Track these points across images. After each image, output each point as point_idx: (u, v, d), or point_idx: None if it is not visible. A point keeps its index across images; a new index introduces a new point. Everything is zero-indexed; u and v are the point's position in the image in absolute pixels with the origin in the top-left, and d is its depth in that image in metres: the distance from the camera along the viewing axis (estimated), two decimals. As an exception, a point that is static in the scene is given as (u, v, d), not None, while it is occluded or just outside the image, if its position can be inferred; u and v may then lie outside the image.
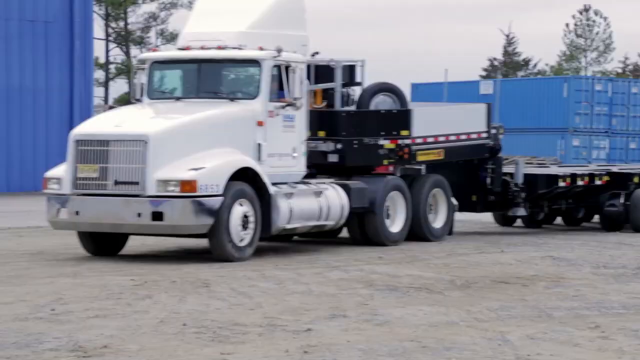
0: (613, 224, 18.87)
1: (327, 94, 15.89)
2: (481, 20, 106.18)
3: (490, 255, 14.68)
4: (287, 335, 8.48)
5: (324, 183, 14.92)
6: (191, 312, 9.50)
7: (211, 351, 7.87)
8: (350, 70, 16.16)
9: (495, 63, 74.67)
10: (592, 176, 18.77)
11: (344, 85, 15.95)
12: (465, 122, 17.34)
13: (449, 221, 16.74)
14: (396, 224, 15.77)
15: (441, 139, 16.73)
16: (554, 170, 19.71)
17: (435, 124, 16.76)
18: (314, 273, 12.46)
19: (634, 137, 44.63)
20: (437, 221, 16.50)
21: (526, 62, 74.76)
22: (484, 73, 73.70)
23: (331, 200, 14.68)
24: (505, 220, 19.53)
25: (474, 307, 10.05)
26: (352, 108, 16.08)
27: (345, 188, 15.01)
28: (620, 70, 74.59)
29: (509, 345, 8.18)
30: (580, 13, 74.49)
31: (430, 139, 16.50)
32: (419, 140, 16.20)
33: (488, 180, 17.62)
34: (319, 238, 16.03)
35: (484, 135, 17.44)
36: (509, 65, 74.10)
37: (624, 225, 18.86)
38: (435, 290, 11.23)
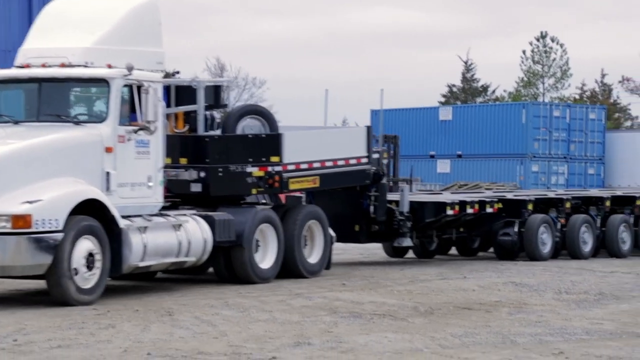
0: (507, 253, 18.31)
1: (190, 117, 14.56)
2: (440, 47, 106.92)
3: (452, 282, 14.72)
4: (252, 364, 8.43)
5: (184, 215, 13.48)
6: (155, 341, 9.42)
7: (176, 381, 7.80)
8: (215, 91, 14.85)
9: (454, 89, 75.23)
10: (482, 203, 17.96)
11: (208, 107, 14.58)
12: (343, 146, 16.00)
13: (326, 255, 15.36)
14: (267, 259, 14.42)
15: (316, 165, 15.36)
16: (441, 197, 18.67)
17: (309, 149, 15.35)
18: (278, 300, 12.42)
19: (592, 162, 45.09)
20: (313, 255, 15.18)
21: (485, 89, 75.34)
22: (443, 99, 74.22)
23: (192, 233, 13.27)
24: (395, 251, 18.67)
25: (438, 333, 10.07)
26: (217, 132, 14.69)
27: (209, 220, 13.61)
28: (577, 97, 75.38)
29: (474, 372, 8.19)
30: (537, 40, 75.27)
31: (304, 165, 15.16)
32: (291, 167, 14.89)
33: (371, 208, 16.53)
34: (184, 275, 14.90)
35: (364, 160, 16.18)
36: (467, 91, 74.65)
37: (518, 254, 18.34)
38: (399, 317, 11.23)
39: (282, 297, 12.72)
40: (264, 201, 15.32)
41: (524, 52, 75.96)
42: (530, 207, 18.43)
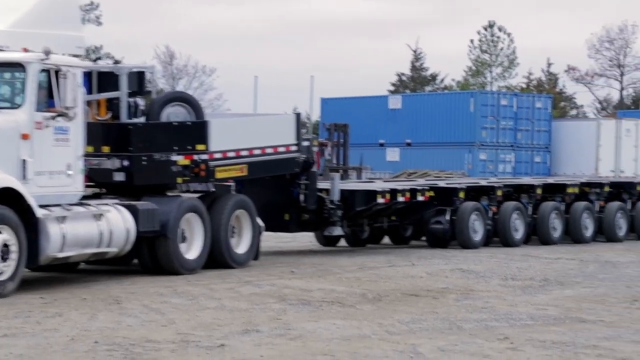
0: (439, 241, 18.23)
1: (112, 105, 14.13)
2: (389, 35, 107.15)
3: (400, 269, 14.82)
4: (200, 351, 8.45)
5: (106, 204, 13.06)
6: (102, 330, 9.39)
7: (124, 368, 7.80)
8: (138, 77, 14.35)
9: (404, 78, 75.52)
10: (413, 192, 17.79)
11: (131, 94, 14.14)
12: (272, 134, 15.68)
13: (254, 245, 15.03)
14: (193, 249, 14.03)
15: (244, 153, 15.05)
16: (372, 186, 18.41)
17: (236, 137, 15.02)
18: (226, 288, 12.43)
19: (538, 151, 45.55)
20: (241, 246, 14.86)
21: (433, 77, 75.75)
22: (392, 88, 74.48)
23: (114, 223, 12.86)
24: (327, 240, 18.43)
25: (386, 320, 10.15)
26: (141, 120, 14.25)
27: (132, 210, 13.20)
28: (524, 85, 76.06)
29: (420, 358, 8.27)
30: (485, 29, 75.80)
31: (231, 154, 14.82)
32: (217, 155, 14.50)
33: (302, 197, 16.28)
34: (108, 266, 14.34)
35: (294, 148, 15.89)
36: (416, 80, 74.99)
37: (450, 242, 18.29)
38: (348, 303, 11.30)
39: (231, 285, 12.74)
40: (213, 189, 15.07)
41: (472, 41, 76.45)
42: (461, 195, 18.39)
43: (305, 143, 16.45)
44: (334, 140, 39.80)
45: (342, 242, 18.77)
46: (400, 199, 17.49)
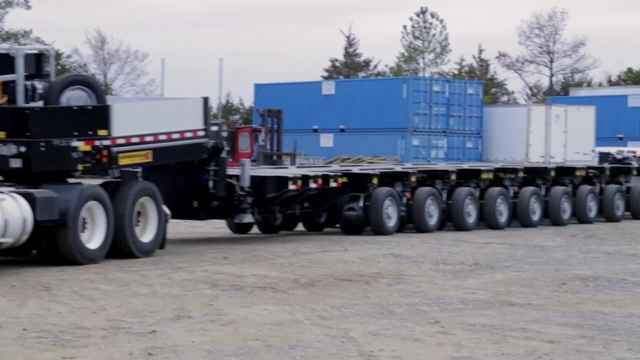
0: (352, 227, 17.94)
1: (8, 88, 13.52)
2: (322, 21, 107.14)
3: (333, 254, 14.87)
4: (131, 338, 8.39)
5: (1, 192, 12.49)
6: (31, 317, 9.28)
7: (52, 356, 7.72)
8: (36, 60, 13.85)
9: (337, 64, 75.62)
10: (326, 178, 17.42)
11: (28, 77, 13.57)
12: (178, 119, 15.17)
13: (160, 233, 14.49)
14: (95, 239, 13.46)
15: (149, 138, 14.48)
16: (283, 172, 18.02)
17: (141, 122, 14.46)
18: (158, 274, 12.36)
19: (470, 136, 45.97)
20: (146, 234, 14.35)
21: (367, 63, 76.00)
22: (326, 74, 74.54)
23: (9, 212, 12.27)
24: (239, 228, 18.10)
25: (318, 305, 10.18)
26: (39, 104, 13.64)
27: (29, 198, 12.60)
28: (456, 72, 76.67)
29: (352, 342, 8.32)
30: (418, 15, 76.23)
31: (135, 139, 14.23)
32: (120, 141, 13.93)
33: (210, 183, 15.78)
34: (5, 257, 13.64)
35: (201, 133, 15.41)
36: (350, 66, 75.15)
37: (364, 228, 18.04)
38: (280, 289, 11.31)
39: (164, 271, 12.67)
40: (118, 177, 14.57)
41: (404, 27, 76.82)
42: (375, 181, 18.08)
43: (214, 128, 16.05)
44: (267, 126, 39.80)
45: (255, 230, 18.51)
46: (313, 185, 17.13)
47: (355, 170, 18.98)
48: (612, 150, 28.66)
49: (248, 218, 16.37)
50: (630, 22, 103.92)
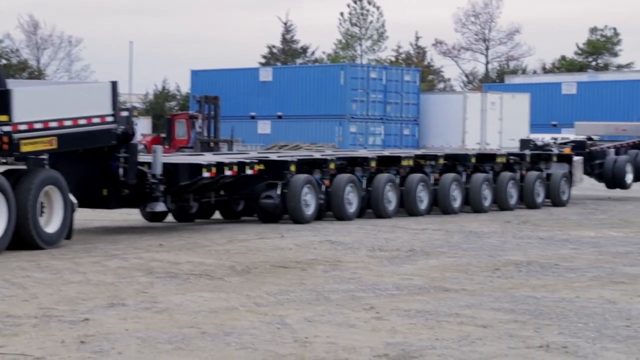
0: (270, 216, 17.54)
1: None
2: (260, 7, 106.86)
3: (270, 241, 14.85)
4: (64, 326, 8.30)
5: None
6: (-38, 306, 9.13)
7: (-17, 345, 7.59)
8: None
9: (274, 51, 75.46)
10: (241, 165, 16.88)
11: None
12: (85, 104, 14.62)
13: (66, 223, 13.86)
14: None
15: (53, 124, 13.88)
16: (197, 159, 17.28)
17: (44, 107, 13.86)
18: (92, 262, 12.24)
19: (407, 123, 46.22)
20: (51, 224, 13.70)
21: (304, 50, 75.98)
22: (263, 60, 74.35)
23: None
24: (153, 216, 17.51)
25: (254, 292, 10.16)
26: None
27: None
28: (393, 59, 77.00)
29: (287, 329, 8.31)
30: (355, 2, 76.38)
31: (39, 125, 13.64)
32: (22, 127, 13.33)
33: (121, 171, 15.18)
34: None
35: (110, 119, 14.90)
36: (287, 52, 75.05)
37: (281, 217, 17.65)
38: (216, 276, 11.27)
39: (98, 259, 12.55)
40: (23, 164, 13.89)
41: (342, 14, 76.94)
42: (292, 168, 17.60)
43: (124, 113, 15.49)
44: (204, 113, 39.62)
45: (170, 218, 18.08)
46: (228, 172, 16.56)
47: (273, 157, 18.30)
48: (541, 137, 28.90)
49: (160, 207, 15.69)
50: (564, 10, 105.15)
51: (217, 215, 18.89)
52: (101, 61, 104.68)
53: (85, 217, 17.29)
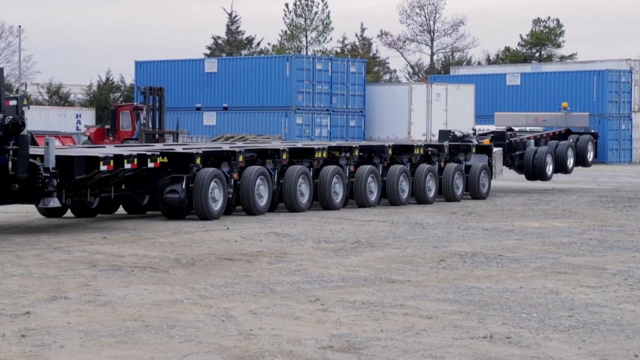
0: (175, 211, 16.67)
1: None
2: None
3: (215, 233, 14.78)
4: (4, 319, 8.18)
5: None
6: None
7: None
8: None
9: (220, 42, 75.13)
10: (142, 158, 15.81)
11: None
12: None
13: None
14: None
15: None
16: (94, 151, 16.12)
17: None
18: (34, 255, 12.09)
19: (353, 115, 46.29)
20: None
21: (250, 41, 75.72)
22: (208, 51, 73.98)
23: None
24: (50, 211, 16.68)
25: (199, 284, 10.10)
26: None
27: None
28: (339, 50, 77.06)
29: (232, 321, 8.27)
30: (301, -7, 76.27)
31: None
32: None
33: (10, 164, 14.20)
34: None
35: None
36: (232, 44, 74.75)
37: (188, 212, 16.80)
38: (160, 269, 11.19)
39: (40, 251, 12.40)
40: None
41: (287, 5, 76.82)
42: (198, 161, 16.66)
43: (12, 102, 14.59)
44: (149, 104, 39.32)
45: (69, 213, 17.10)
46: (128, 166, 15.44)
47: (178, 149, 17.31)
48: (485, 127, 28.75)
49: (54, 202, 14.54)
50: (507, 1, 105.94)
51: (120, 210, 18.02)
52: (43, 51, 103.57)
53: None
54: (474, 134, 26.01)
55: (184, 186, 16.53)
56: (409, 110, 45.54)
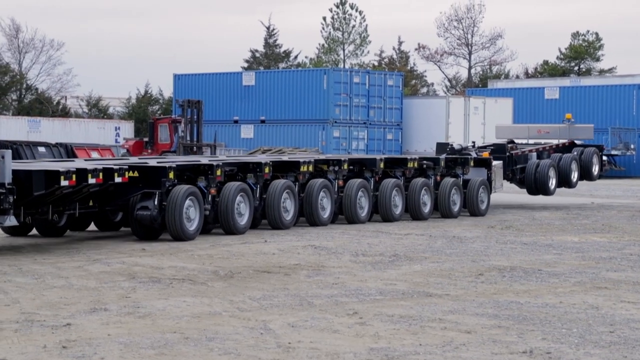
0: (146, 230, 15.51)
1: None
2: (243, 11, 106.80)
3: (253, 246, 14.82)
4: (45, 331, 8.25)
5: None
6: (-58, 311, 9.05)
7: (-36, 351, 7.54)
8: None
9: (257, 55, 75.40)
10: (109, 172, 14.60)
11: None
12: None
13: None
14: None
15: None
16: (54, 165, 14.90)
17: None
18: (75, 267, 12.18)
19: (390, 128, 46.25)
20: None
21: (287, 54, 75.93)
22: (246, 65, 74.29)
23: None
24: (14, 229, 15.80)
25: (237, 297, 10.13)
26: None
27: None
28: (376, 63, 77.07)
29: (270, 334, 8.28)
30: (337, 7, 76.44)
31: None
32: None
33: None
34: None
35: None
36: (270, 57, 75.01)
37: (161, 231, 15.61)
38: (199, 281, 11.23)
39: (80, 263, 12.49)
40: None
41: (324, 18, 76.99)
42: (171, 175, 15.51)
43: None
44: (187, 117, 39.52)
45: (35, 231, 16.17)
46: (92, 180, 14.25)
47: (152, 163, 16.17)
48: (524, 141, 27.91)
49: (10, 220, 13.31)
50: (546, 15, 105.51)
51: (92, 227, 17.19)
52: (83, 65, 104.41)
53: None
54: (473, 146, 25.15)
55: (156, 202, 15.28)
56: (447, 123, 45.43)
